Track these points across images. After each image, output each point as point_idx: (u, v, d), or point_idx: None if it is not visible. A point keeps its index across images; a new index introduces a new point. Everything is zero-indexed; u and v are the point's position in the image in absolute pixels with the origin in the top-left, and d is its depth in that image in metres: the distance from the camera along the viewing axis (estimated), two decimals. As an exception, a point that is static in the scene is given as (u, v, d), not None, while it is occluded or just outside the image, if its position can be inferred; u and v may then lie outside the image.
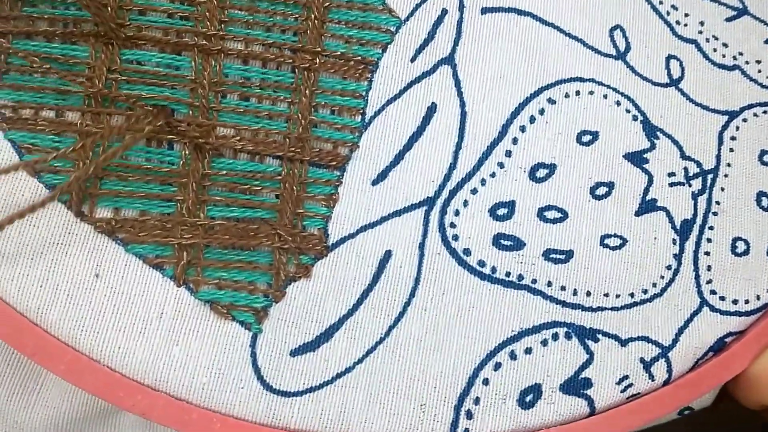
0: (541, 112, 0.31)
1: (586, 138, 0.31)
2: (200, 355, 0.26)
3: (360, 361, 0.27)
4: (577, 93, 0.31)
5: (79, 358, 0.25)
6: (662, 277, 0.30)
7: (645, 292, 0.30)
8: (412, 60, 0.30)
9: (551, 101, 0.31)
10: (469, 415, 0.28)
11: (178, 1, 0.28)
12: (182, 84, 0.28)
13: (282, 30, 0.29)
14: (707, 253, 0.31)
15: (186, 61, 0.28)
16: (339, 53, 0.29)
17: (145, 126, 0.26)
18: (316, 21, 0.29)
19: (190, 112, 0.28)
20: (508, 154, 0.30)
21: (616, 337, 0.30)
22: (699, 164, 0.32)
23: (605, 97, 0.31)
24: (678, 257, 0.31)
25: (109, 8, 0.27)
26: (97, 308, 0.26)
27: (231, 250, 0.27)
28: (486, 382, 0.28)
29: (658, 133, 0.31)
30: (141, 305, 0.26)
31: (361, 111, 0.29)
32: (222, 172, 0.28)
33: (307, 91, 0.29)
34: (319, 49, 0.29)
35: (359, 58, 0.30)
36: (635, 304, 0.30)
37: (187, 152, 0.28)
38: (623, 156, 0.31)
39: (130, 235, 0.27)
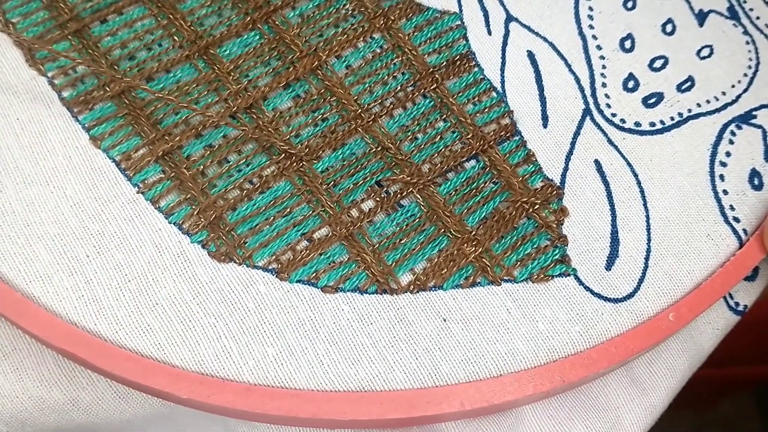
0: (591, 9, 0.37)
1: (629, 3, 0.37)
2: (557, 318, 0.30)
3: (649, 239, 0.32)
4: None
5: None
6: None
7: (745, 75, 0.37)
8: (489, 33, 0.35)
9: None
10: (732, 208, 0.33)
11: (319, 118, 0.32)
12: (374, 157, 0.32)
13: (394, 76, 0.34)
14: None
15: (359, 144, 0.32)
16: (444, 62, 0.34)
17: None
18: (411, 51, 0.34)
19: (393, 172, 0.32)
20: (599, 47, 0.36)
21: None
22: None
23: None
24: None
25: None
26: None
27: (504, 236, 0.31)
28: (724, 192, 0.34)
29: None
30: (487, 316, 0.30)
31: (492, 88, 0.34)
32: (451, 193, 0.32)
33: (448, 101, 0.33)
34: (430, 68, 0.34)
35: (457, 56, 0.34)
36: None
37: (419, 198, 0.31)
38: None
39: (439, 279, 0.30)
